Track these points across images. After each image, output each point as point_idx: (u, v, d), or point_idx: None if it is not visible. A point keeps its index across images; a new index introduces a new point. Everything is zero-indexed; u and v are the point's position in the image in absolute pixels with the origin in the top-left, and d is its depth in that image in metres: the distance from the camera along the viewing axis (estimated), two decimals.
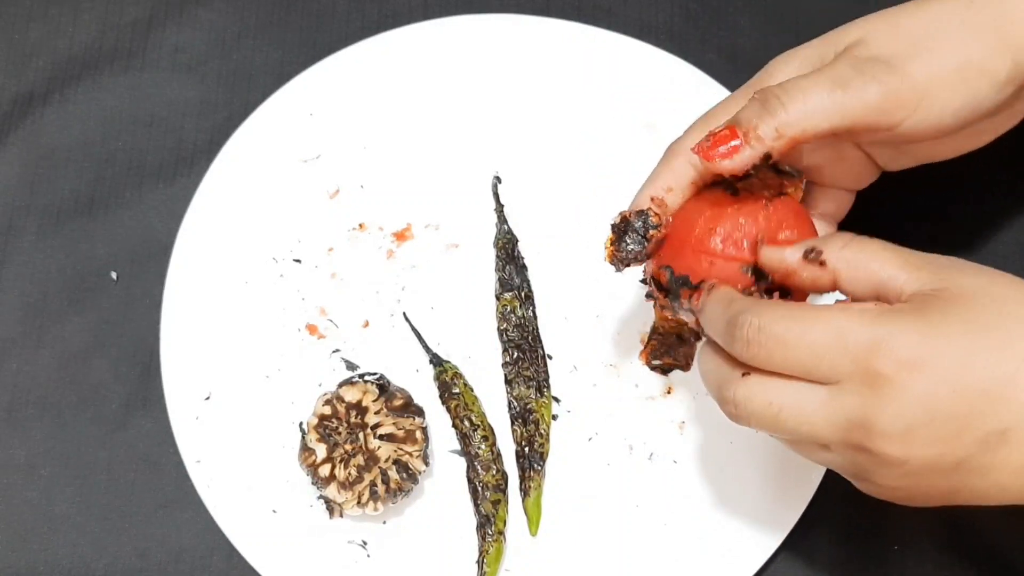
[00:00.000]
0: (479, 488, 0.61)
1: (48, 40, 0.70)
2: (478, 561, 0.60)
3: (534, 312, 0.65)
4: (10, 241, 0.66)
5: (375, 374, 0.61)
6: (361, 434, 0.59)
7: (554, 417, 0.63)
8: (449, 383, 0.63)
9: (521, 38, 0.69)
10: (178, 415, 0.62)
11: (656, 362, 0.57)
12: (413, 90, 0.68)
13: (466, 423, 0.62)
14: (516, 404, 0.63)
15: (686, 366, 0.57)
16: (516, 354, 0.64)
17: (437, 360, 0.64)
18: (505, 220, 0.66)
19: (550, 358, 0.64)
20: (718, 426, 0.62)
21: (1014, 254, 0.66)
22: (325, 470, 0.59)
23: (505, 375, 0.64)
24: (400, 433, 0.60)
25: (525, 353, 0.63)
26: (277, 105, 0.67)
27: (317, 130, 0.68)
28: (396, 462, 0.59)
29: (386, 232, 0.66)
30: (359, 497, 0.59)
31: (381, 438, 0.59)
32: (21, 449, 0.63)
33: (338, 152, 0.67)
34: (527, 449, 0.62)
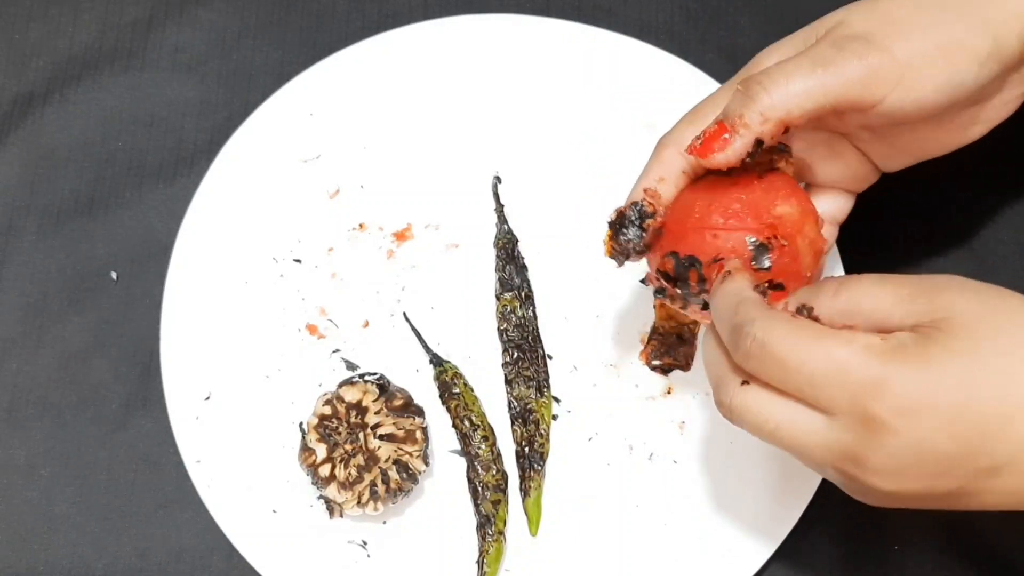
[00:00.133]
0: (479, 488, 0.61)
1: (48, 40, 0.70)
2: (478, 561, 0.60)
3: (534, 312, 0.65)
4: (10, 241, 0.66)
5: (375, 374, 0.61)
6: (361, 434, 0.59)
7: (554, 417, 0.63)
8: (449, 383, 0.63)
9: (521, 38, 0.69)
10: (178, 415, 0.62)
11: (656, 362, 0.57)
12: (413, 90, 0.68)
13: (466, 423, 0.62)
14: (516, 404, 0.63)
15: (686, 366, 0.57)
16: (516, 354, 0.63)
17: (437, 360, 0.64)
18: (505, 220, 0.66)
19: (550, 358, 0.64)
20: (718, 426, 0.62)
21: (1014, 254, 0.66)
22: (325, 470, 0.59)
23: (505, 375, 0.64)
24: (400, 433, 0.60)
25: (525, 353, 0.63)
26: (277, 105, 0.67)
27: (317, 130, 0.68)
28: (396, 462, 0.59)
29: (386, 232, 0.66)
30: (359, 497, 0.59)
31: (381, 438, 0.59)
32: (21, 449, 0.63)
33: (338, 152, 0.67)
34: (527, 449, 0.62)
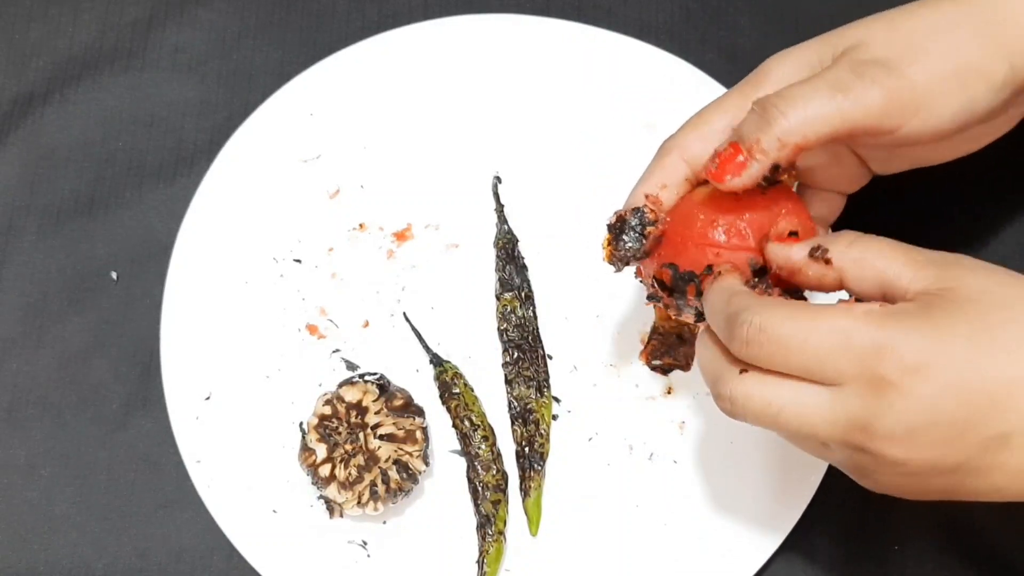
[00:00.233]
0: (479, 488, 0.61)
1: (48, 40, 0.70)
2: (478, 561, 0.60)
3: (534, 312, 0.65)
4: (10, 241, 0.66)
5: (375, 374, 0.61)
6: (361, 434, 0.59)
7: (554, 417, 0.63)
8: (449, 383, 0.63)
9: (521, 38, 0.69)
10: (178, 415, 0.62)
11: (656, 362, 0.57)
12: (413, 90, 0.68)
13: (466, 423, 0.62)
14: (516, 404, 0.63)
15: (686, 366, 0.57)
16: (516, 354, 0.63)
17: (437, 360, 0.64)
18: (505, 220, 0.66)
19: (550, 358, 0.64)
20: (718, 426, 0.62)
21: (1014, 254, 0.66)
22: (325, 470, 0.59)
23: (505, 375, 0.64)
24: (400, 433, 0.60)
25: (525, 353, 0.63)
26: (277, 105, 0.67)
27: (317, 130, 0.68)
28: (396, 462, 0.59)
29: (386, 232, 0.66)
30: (359, 497, 0.59)
31: (381, 438, 0.59)
32: (21, 449, 0.63)
33: (338, 152, 0.67)
34: (527, 449, 0.62)
